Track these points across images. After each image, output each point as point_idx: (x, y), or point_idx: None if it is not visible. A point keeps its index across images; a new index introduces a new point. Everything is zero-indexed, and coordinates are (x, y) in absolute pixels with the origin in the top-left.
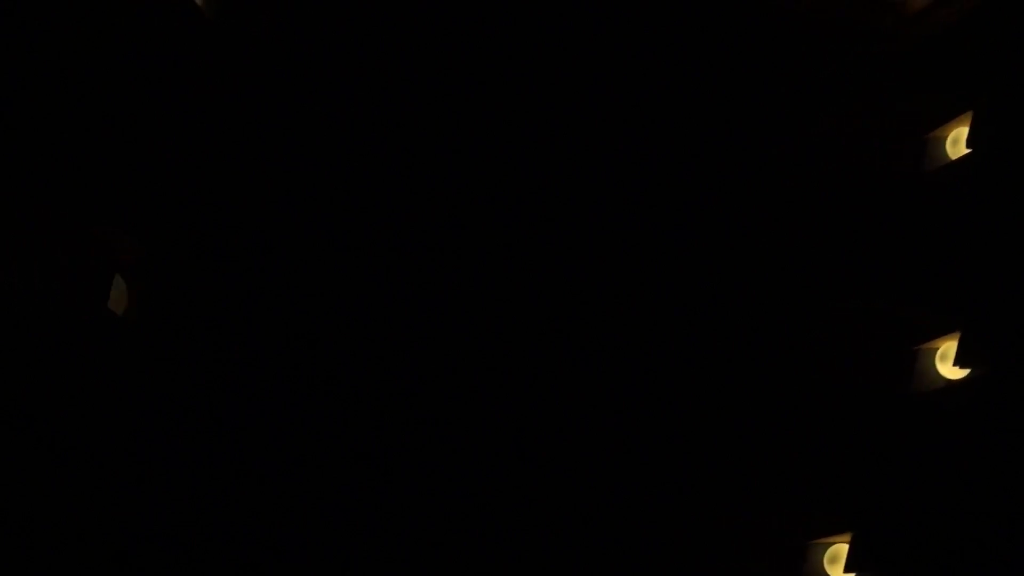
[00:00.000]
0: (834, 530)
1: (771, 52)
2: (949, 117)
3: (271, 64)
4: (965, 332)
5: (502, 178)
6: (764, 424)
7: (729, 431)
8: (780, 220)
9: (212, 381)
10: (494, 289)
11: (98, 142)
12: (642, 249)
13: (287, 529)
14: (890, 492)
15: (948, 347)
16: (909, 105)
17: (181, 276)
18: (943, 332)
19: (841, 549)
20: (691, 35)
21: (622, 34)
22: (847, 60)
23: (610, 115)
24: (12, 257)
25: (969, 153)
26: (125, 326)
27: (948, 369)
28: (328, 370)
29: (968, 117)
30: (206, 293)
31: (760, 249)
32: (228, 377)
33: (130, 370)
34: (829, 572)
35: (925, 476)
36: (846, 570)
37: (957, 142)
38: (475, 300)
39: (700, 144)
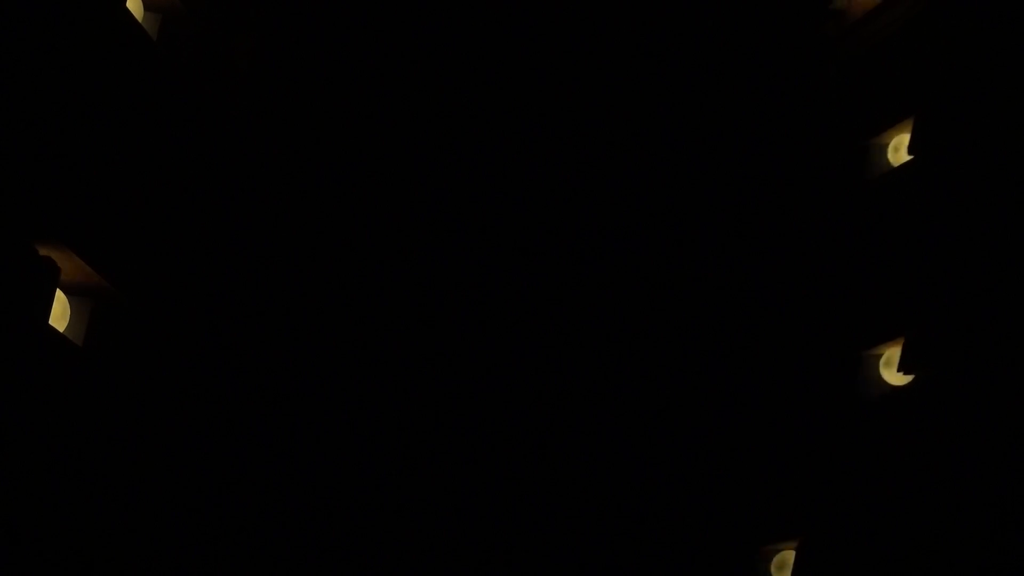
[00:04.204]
0: (781, 537)
1: (713, 60)
2: (890, 124)
3: (217, 85)
4: (909, 338)
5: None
6: (711, 432)
7: (676, 439)
8: (723, 228)
9: (154, 398)
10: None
11: (43, 162)
12: (585, 265)
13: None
14: (837, 499)
15: (892, 353)
16: (850, 112)
17: (125, 295)
18: (887, 338)
19: (788, 556)
20: (632, 44)
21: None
22: (789, 67)
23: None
24: None
25: (911, 159)
26: (66, 343)
27: (893, 375)
28: (273, 392)
29: (909, 124)
30: (149, 312)
31: (702, 258)
32: (171, 394)
33: (71, 386)
34: None
35: (871, 484)
36: None
37: (898, 149)
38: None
39: (639, 155)
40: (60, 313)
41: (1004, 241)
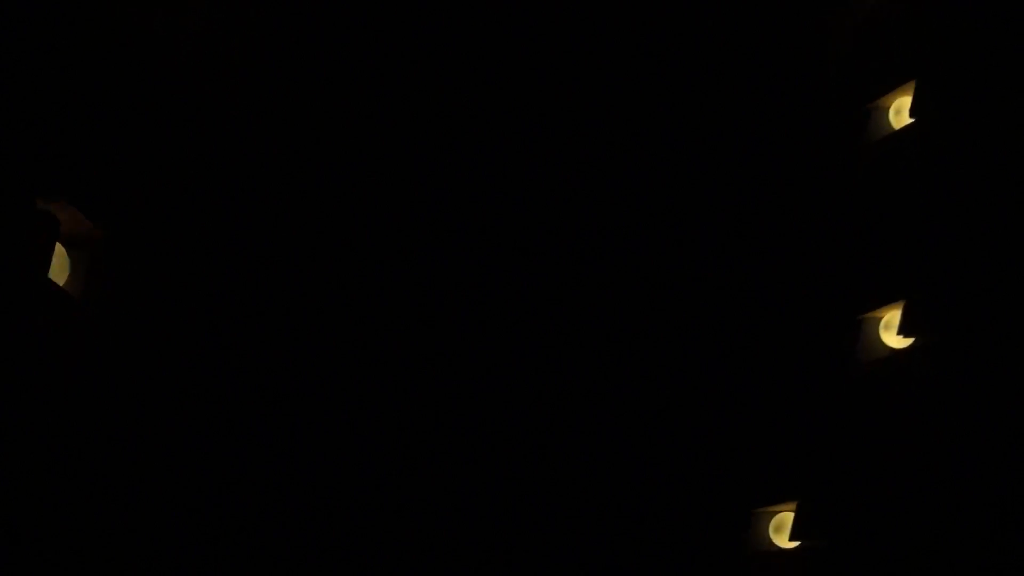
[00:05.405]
0: (779, 499)
1: (713, 23)
2: (892, 87)
3: (224, 44)
4: (909, 301)
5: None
6: (709, 394)
7: (674, 401)
8: (722, 193)
9: (156, 356)
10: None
11: (45, 116)
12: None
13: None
14: (835, 461)
15: (892, 316)
16: (851, 75)
17: (126, 250)
18: (887, 301)
19: (786, 518)
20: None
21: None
22: (789, 29)
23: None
24: None
25: (912, 123)
26: (66, 297)
27: (892, 338)
28: (269, 354)
29: (911, 87)
30: (153, 268)
31: (700, 222)
32: (172, 352)
33: (69, 340)
34: (775, 540)
35: (869, 445)
36: (791, 538)
37: (900, 112)
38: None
39: (643, 119)
40: (60, 267)
41: (1006, 206)
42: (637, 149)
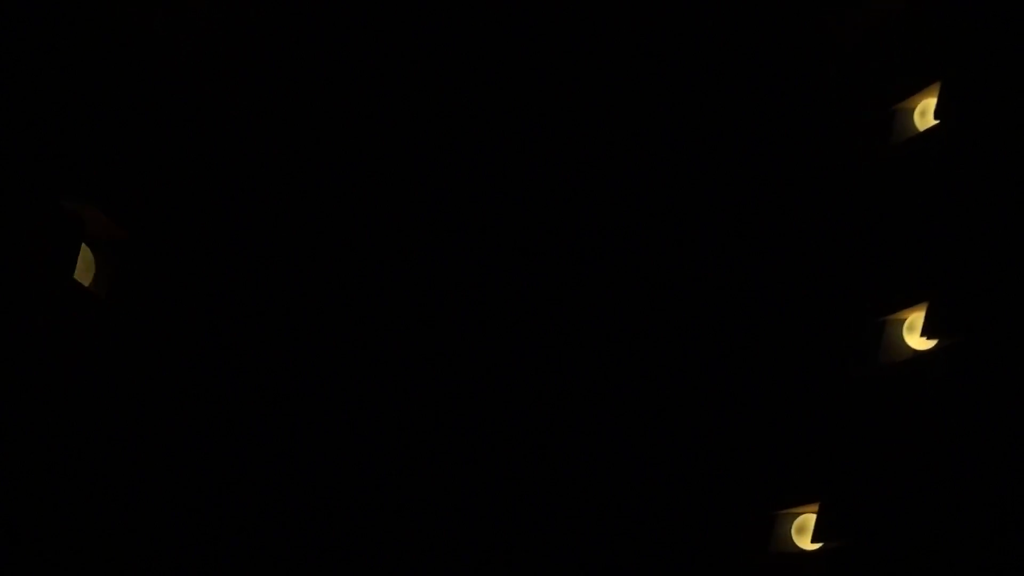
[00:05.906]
0: (802, 500)
1: (736, 24)
2: (917, 88)
3: (244, 44)
4: (932, 303)
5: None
6: (732, 396)
7: (696, 403)
8: (745, 193)
9: (180, 355)
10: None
11: (69, 116)
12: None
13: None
14: (857, 462)
15: (915, 318)
16: (876, 76)
17: (150, 250)
18: (910, 303)
19: (809, 519)
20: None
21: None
22: (812, 31)
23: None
24: None
25: (937, 124)
26: (91, 297)
27: (916, 340)
28: (294, 353)
29: (936, 88)
30: (176, 268)
31: (722, 222)
32: (195, 352)
33: (95, 340)
34: (797, 542)
35: (892, 447)
36: (814, 540)
37: (925, 113)
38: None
39: (663, 119)
40: (85, 268)
41: None
42: (663, 150)
